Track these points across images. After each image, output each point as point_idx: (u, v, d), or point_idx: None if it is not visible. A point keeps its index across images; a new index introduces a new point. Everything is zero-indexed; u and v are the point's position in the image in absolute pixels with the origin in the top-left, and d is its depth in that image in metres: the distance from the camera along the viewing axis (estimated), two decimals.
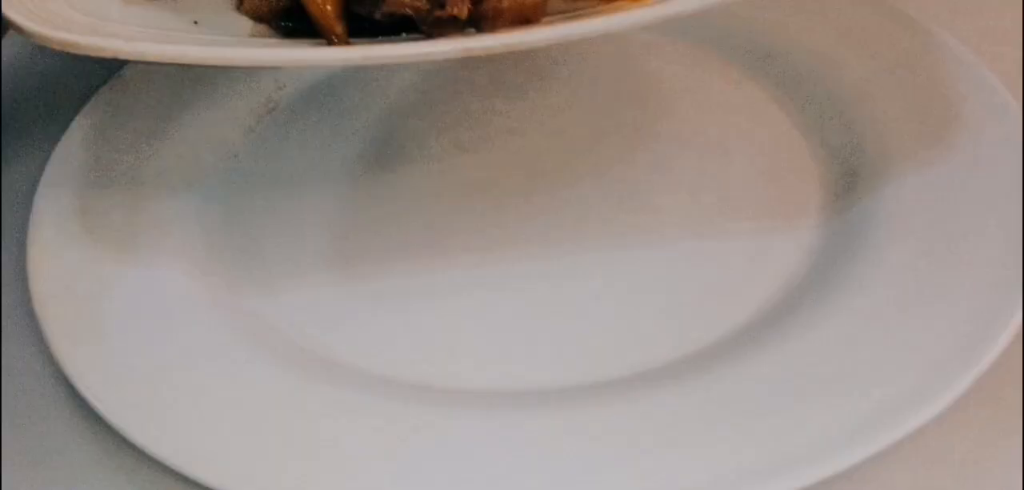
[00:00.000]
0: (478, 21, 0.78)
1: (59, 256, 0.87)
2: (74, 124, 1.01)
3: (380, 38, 0.80)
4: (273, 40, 0.82)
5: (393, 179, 0.98)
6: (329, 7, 0.79)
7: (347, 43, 0.79)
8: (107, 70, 1.09)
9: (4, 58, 1.22)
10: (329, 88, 1.08)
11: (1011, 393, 0.74)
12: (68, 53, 1.16)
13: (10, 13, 0.75)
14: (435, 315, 0.84)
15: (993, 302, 0.74)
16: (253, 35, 0.84)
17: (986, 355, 0.70)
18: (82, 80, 1.12)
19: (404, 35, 0.80)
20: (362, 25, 0.80)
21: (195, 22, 0.84)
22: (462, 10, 0.76)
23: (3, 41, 1.28)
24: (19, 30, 0.74)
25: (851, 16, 1.05)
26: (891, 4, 1.05)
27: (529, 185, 0.95)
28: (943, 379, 0.69)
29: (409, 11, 0.77)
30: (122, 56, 0.74)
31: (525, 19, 0.78)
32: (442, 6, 0.77)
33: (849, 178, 0.91)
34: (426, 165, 0.99)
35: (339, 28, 0.79)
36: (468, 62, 1.05)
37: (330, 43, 0.78)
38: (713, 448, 0.68)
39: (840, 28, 1.04)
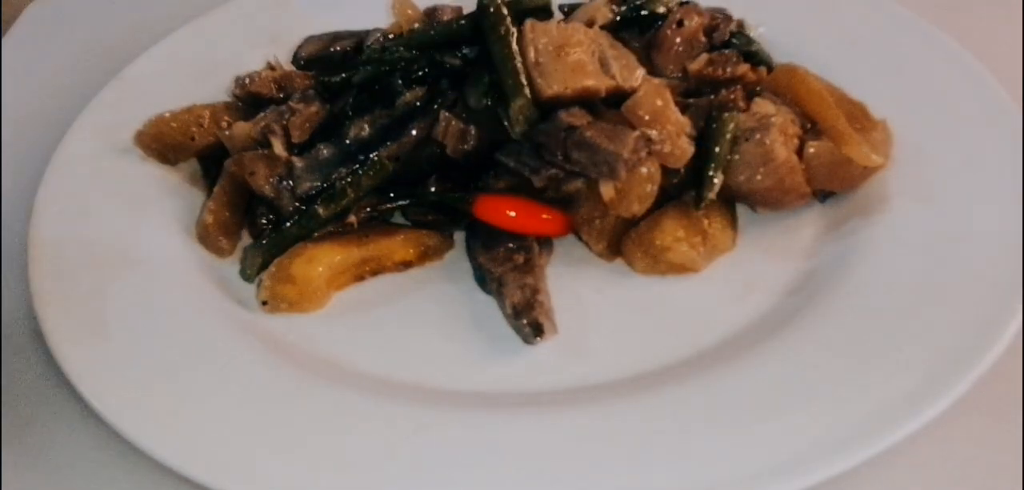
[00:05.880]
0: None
1: (59, 256, 0.87)
2: (74, 124, 1.01)
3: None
4: None
5: None
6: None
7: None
8: (107, 70, 1.09)
9: (4, 58, 1.22)
10: None
11: (1011, 393, 0.74)
12: (68, 55, 1.17)
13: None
14: (435, 317, 0.85)
15: (993, 302, 0.74)
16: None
17: (986, 355, 0.70)
18: (82, 80, 1.12)
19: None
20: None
21: None
22: None
23: (3, 41, 1.28)
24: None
25: (853, 18, 1.05)
26: (891, 4, 1.06)
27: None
28: (943, 379, 0.69)
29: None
30: None
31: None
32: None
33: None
34: None
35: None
36: None
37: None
38: (714, 449, 0.68)
39: (842, 29, 1.04)
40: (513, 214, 0.87)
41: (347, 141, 0.90)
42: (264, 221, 0.92)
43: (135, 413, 0.73)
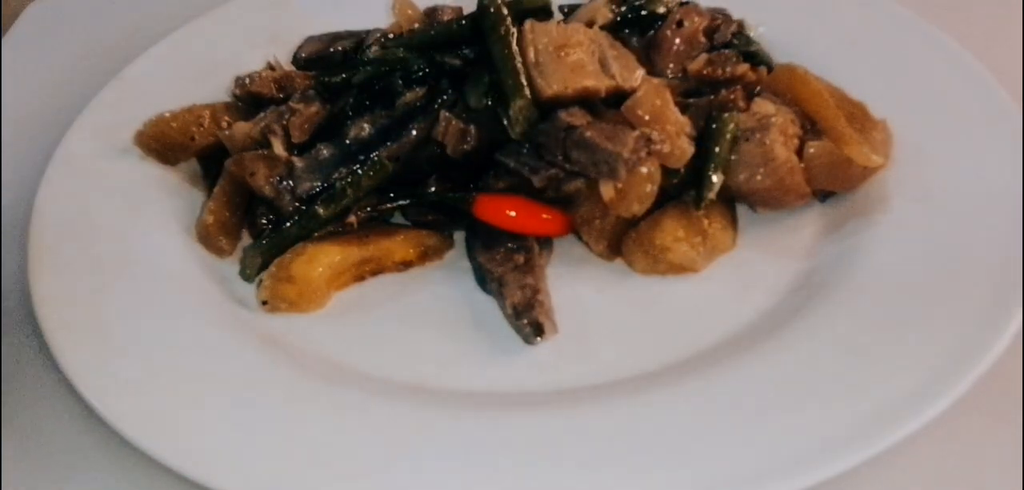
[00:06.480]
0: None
1: (59, 256, 0.87)
2: (74, 124, 1.01)
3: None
4: None
5: None
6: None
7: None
8: (107, 70, 1.09)
9: (4, 58, 1.22)
10: None
11: (1011, 393, 0.74)
12: (68, 55, 1.16)
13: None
14: (435, 317, 0.85)
15: (993, 302, 0.74)
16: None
17: (986, 355, 0.70)
18: (82, 80, 1.12)
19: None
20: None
21: None
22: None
23: (3, 41, 1.28)
24: None
25: (853, 18, 1.05)
26: (891, 4, 1.06)
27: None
28: (943, 379, 0.69)
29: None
30: None
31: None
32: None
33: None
34: None
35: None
36: None
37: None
38: (714, 449, 0.68)
39: (842, 29, 1.04)
40: (513, 214, 0.87)
41: (347, 141, 0.90)
42: (264, 221, 0.92)
43: (135, 413, 0.73)
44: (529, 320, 0.79)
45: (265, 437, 0.72)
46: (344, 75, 0.96)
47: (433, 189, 0.91)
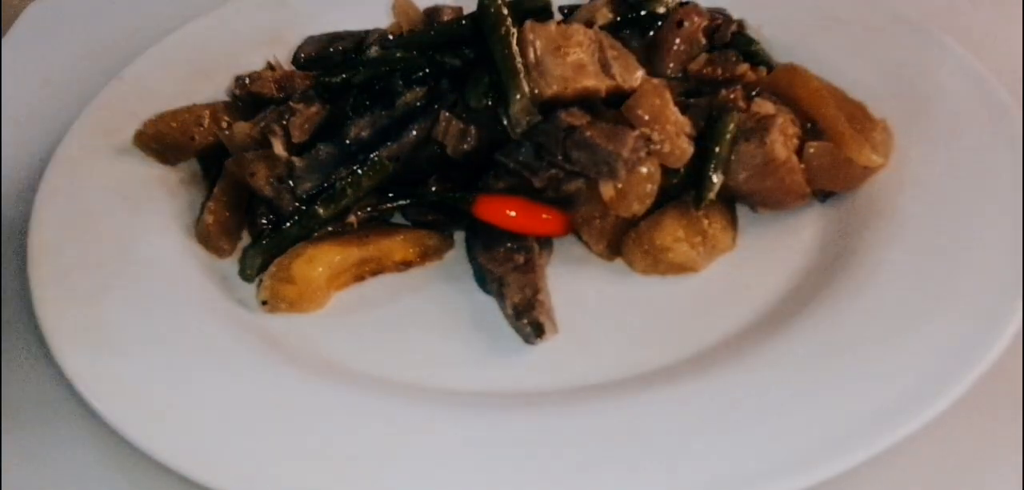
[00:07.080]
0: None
1: (59, 256, 0.87)
2: (74, 124, 1.01)
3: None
4: None
5: None
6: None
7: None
8: (107, 70, 1.09)
9: (4, 58, 1.22)
10: None
11: (1011, 393, 0.74)
12: (68, 55, 1.16)
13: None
14: (435, 317, 0.85)
15: (993, 302, 0.74)
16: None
17: (986, 355, 0.70)
18: (82, 80, 1.12)
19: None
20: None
21: None
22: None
23: (3, 41, 1.28)
24: None
25: (853, 18, 1.05)
26: (890, 4, 1.06)
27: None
28: (943, 379, 0.69)
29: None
30: None
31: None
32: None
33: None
34: None
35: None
36: None
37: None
38: (714, 449, 0.68)
39: (842, 29, 1.04)
40: (513, 214, 0.87)
41: (347, 141, 0.90)
42: (264, 221, 0.92)
43: (135, 413, 0.73)
44: (529, 320, 0.79)
45: (265, 437, 0.72)
46: (344, 75, 0.96)
47: (433, 189, 0.91)
